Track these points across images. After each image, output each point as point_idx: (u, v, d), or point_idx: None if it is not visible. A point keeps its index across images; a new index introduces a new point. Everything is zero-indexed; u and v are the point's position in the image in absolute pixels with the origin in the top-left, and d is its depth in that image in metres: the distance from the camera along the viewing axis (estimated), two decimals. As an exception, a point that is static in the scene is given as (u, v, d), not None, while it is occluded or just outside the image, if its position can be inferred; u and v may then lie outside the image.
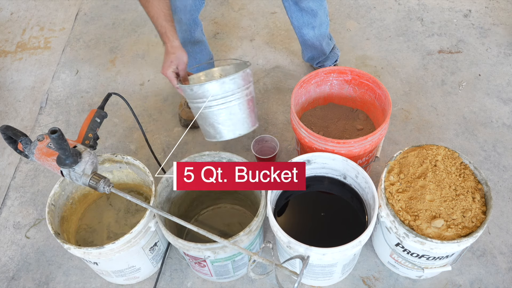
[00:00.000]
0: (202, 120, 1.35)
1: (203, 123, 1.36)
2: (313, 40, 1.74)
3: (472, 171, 1.25)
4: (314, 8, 1.61)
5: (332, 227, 1.33)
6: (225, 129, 1.34)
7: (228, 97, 1.28)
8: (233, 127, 1.34)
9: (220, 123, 1.32)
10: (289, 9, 1.64)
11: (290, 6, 1.63)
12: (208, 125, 1.35)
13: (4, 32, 2.36)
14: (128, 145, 1.81)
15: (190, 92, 1.29)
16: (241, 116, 1.33)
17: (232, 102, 1.29)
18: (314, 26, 1.67)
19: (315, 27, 1.68)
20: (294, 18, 1.67)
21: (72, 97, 2.01)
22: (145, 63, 2.12)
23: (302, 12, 1.63)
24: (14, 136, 1.11)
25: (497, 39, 2.09)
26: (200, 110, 1.31)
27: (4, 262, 1.51)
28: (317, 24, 1.68)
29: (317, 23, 1.67)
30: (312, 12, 1.62)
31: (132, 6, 2.42)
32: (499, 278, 1.37)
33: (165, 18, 1.31)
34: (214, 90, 1.26)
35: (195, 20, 1.60)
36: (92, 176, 1.06)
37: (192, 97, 1.30)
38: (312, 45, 1.77)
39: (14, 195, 1.68)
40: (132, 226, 1.39)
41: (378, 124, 1.51)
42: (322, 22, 1.69)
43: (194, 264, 1.31)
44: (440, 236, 1.14)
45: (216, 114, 1.31)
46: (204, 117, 1.33)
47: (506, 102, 1.83)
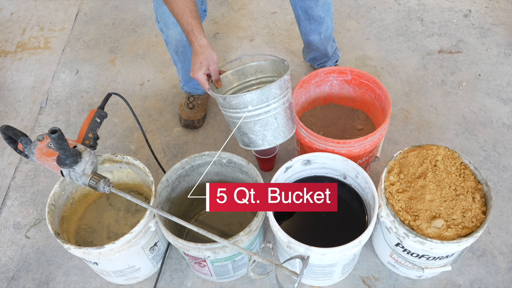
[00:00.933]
0: (236, 129, 1.27)
1: (237, 132, 1.27)
2: (318, 44, 1.75)
3: (472, 171, 1.25)
4: (323, 15, 1.61)
5: (332, 227, 1.33)
6: (260, 139, 1.25)
7: (264, 108, 1.18)
8: (270, 137, 1.25)
9: (254, 134, 1.23)
10: (298, 17, 1.66)
11: (299, 15, 1.64)
12: (242, 134, 1.26)
13: (4, 32, 2.36)
14: (128, 145, 1.81)
15: (222, 102, 1.19)
16: (278, 125, 1.23)
17: (269, 113, 1.19)
18: (320, 32, 1.68)
19: (322, 33, 1.69)
20: (302, 26, 1.69)
21: (72, 97, 2.01)
22: (145, 63, 2.12)
23: (311, 21, 1.64)
24: (14, 136, 1.11)
25: (497, 39, 2.09)
26: (233, 119, 1.22)
27: (4, 262, 1.51)
28: (323, 30, 1.68)
29: (323, 29, 1.68)
30: (320, 20, 1.63)
31: (132, 6, 2.42)
32: (499, 278, 1.37)
33: (191, 15, 1.23)
34: (251, 102, 1.16)
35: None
36: (92, 176, 1.06)
37: (225, 106, 1.21)
38: (316, 48, 1.78)
39: (14, 195, 1.68)
40: (132, 226, 1.40)
41: (378, 124, 1.51)
42: (328, 27, 1.69)
43: (194, 264, 1.31)
44: (440, 236, 1.14)
45: (251, 124, 1.21)
46: (237, 126, 1.24)
47: (506, 102, 1.83)
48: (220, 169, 1.40)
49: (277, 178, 1.28)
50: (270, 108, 1.19)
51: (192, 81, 1.76)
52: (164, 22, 1.45)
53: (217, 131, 1.82)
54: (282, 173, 1.29)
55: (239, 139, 1.31)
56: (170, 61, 2.11)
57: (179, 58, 1.62)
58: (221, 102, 1.21)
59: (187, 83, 1.77)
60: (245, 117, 1.19)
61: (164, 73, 2.07)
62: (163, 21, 1.45)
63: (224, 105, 1.21)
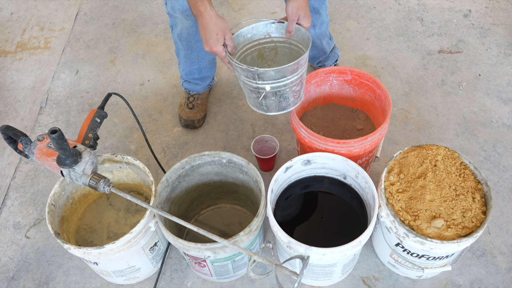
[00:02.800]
0: (250, 92, 1.28)
1: (250, 95, 1.30)
2: (314, 39, 1.74)
3: (472, 171, 1.25)
4: (316, 6, 1.61)
5: (332, 227, 1.33)
6: (273, 105, 1.29)
7: (297, 75, 1.20)
8: (283, 104, 1.29)
9: (268, 101, 1.27)
10: None
11: None
12: (255, 99, 1.28)
13: (4, 32, 2.36)
14: (128, 145, 1.81)
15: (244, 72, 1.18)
16: (292, 95, 1.27)
17: (287, 85, 1.22)
18: (315, 24, 1.68)
19: (316, 26, 1.69)
20: None
21: (72, 97, 2.01)
22: (145, 63, 2.12)
23: None
24: (14, 136, 1.11)
25: (497, 39, 2.09)
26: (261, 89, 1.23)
27: (4, 262, 1.51)
28: (318, 23, 1.68)
29: (318, 22, 1.67)
30: (314, 10, 1.62)
31: (132, 6, 2.42)
32: (499, 278, 1.37)
33: None
34: (290, 70, 1.17)
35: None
36: (92, 176, 1.06)
37: (246, 75, 1.19)
38: (313, 43, 1.77)
39: (14, 195, 1.68)
40: (132, 226, 1.40)
41: (378, 124, 1.51)
42: (323, 21, 1.69)
43: (194, 264, 1.31)
44: (440, 236, 1.14)
45: (267, 93, 1.23)
46: (253, 91, 1.25)
47: (506, 102, 1.83)
48: (220, 169, 1.40)
49: (277, 178, 1.28)
50: (301, 73, 1.22)
51: (193, 74, 1.75)
52: (171, 6, 1.44)
53: (217, 131, 1.82)
54: (282, 173, 1.29)
55: (251, 101, 1.32)
56: (170, 61, 2.11)
57: (182, 45, 1.61)
58: (241, 72, 1.19)
59: (188, 76, 1.77)
60: (264, 85, 1.19)
61: (164, 73, 2.07)
62: (170, 4, 1.44)
63: (246, 75, 1.18)
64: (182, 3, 1.41)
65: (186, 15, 1.45)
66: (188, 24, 1.50)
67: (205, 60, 1.71)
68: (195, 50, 1.64)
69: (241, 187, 1.43)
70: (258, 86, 1.22)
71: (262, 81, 1.19)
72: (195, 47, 1.63)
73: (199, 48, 1.63)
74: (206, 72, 1.76)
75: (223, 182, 1.45)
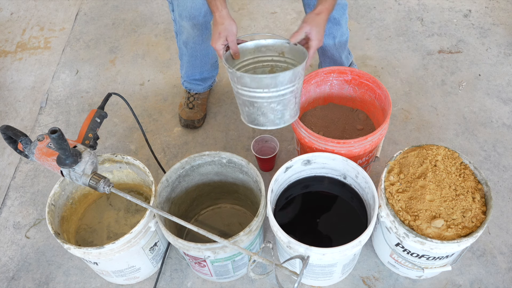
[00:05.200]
0: (242, 105, 1.26)
1: (243, 108, 1.27)
2: (333, 51, 1.69)
3: (472, 171, 1.25)
4: (337, 17, 1.58)
5: (332, 227, 1.33)
6: (278, 118, 1.26)
7: (290, 87, 1.18)
8: (287, 116, 1.26)
9: (262, 114, 1.24)
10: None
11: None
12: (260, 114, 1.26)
13: (4, 32, 2.36)
14: (128, 145, 1.81)
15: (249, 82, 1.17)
16: (286, 109, 1.24)
17: (292, 92, 1.20)
18: (335, 36, 1.63)
19: (336, 37, 1.64)
20: None
21: (72, 97, 2.01)
22: (145, 63, 2.12)
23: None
24: (14, 136, 1.11)
25: (497, 39, 2.09)
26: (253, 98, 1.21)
27: (4, 262, 1.51)
28: (338, 35, 1.64)
29: (338, 33, 1.63)
30: (335, 21, 1.59)
31: (132, 6, 2.42)
32: (499, 278, 1.37)
33: None
34: (282, 81, 1.15)
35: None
36: (92, 176, 1.06)
37: (238, 83, 1.20)
38: (331, 56, 1.72)
39: (14, 195, 1.68)
40: (132, 226, 1.40)
41: (378, 124, 1.51)
42: (343, 33, 1.65)
43: (194, 264, 1.31)
44: (440, 236, 1.14)
45: (259, 105, 1.22)
46: (245, 103, 1.24)
47: (506, 102, 1.83)
48: (220, 169, 1.40)
49: (277, 178, 1.28)
50: (295, 87, 1.20)
51: (194, 76, 1.75)
52: (179, 13, 1.44)
53: (217, 131, 1.82)
54: (282, 173, 1.29)
55: (252, 119, 1.28)
56: (170, 61, 2.11)
57: (187, 51, 1.62)
58: (246, 82, 1.17)
59: (189, 77, 1.77)
60: (257, 96, 1.19)
61: (164, 73, 2.07)
62: (178, 11, 1.44)
63: (248, 85, 1.17)
64: (190, 11, 1.42)
65: (194, 24, 1.46)
66: (194, 34, 1.51)
67: (208, 64, 1.73)
68: (199, 58, 1.66)
69: (241, 187, 1.43)
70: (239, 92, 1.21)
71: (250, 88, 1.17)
72: (199, 55, 1.65)
73: (203, 55, 1.66)
74: (207, 74, 1.77)
75: (223, 182, 1.45)
